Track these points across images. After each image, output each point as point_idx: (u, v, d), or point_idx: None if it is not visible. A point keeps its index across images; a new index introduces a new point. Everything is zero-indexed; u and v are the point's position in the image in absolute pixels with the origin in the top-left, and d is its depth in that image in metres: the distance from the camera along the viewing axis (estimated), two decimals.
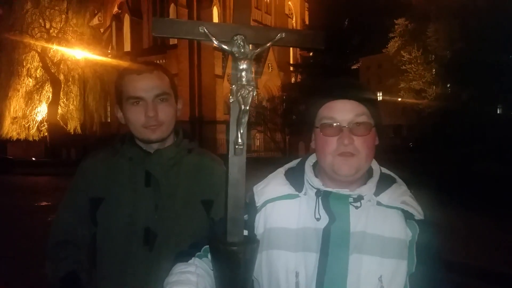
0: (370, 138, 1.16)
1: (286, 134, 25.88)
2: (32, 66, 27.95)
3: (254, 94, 1.00)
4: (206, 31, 0.99)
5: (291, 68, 34.24)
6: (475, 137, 19.50)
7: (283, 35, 1.00)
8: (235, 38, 0.98)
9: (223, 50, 1.00)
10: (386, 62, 44.62)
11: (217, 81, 35.48)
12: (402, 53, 29.19)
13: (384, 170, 1.28)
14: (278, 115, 25.73)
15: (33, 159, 26.55)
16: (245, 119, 1.00)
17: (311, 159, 1.31)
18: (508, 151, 16.51)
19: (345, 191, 1.16)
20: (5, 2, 25.53)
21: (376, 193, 1.19)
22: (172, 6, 35.56)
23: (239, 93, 0.99)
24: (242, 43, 0.97)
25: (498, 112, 27.84)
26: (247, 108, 0.99)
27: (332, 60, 23.47)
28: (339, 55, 23.76)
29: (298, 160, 1.35)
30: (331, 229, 1.15)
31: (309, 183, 1.23)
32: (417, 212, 1.17)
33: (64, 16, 28.00)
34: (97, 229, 1.49)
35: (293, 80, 34.47)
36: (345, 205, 1.16)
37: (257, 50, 1.00)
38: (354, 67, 26.65)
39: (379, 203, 1.18)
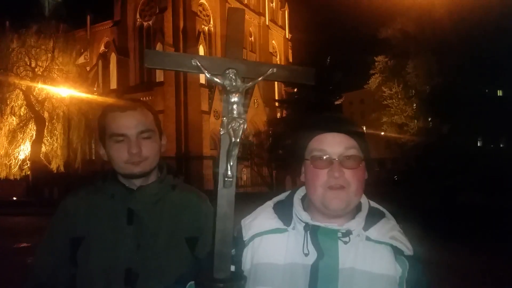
0: (359, 171, 1.16)
1: (272, 168, 25.89)
2: (16, 104, 27.70)
3: (245, 127, 1.02)
4: (199, 64, 1.01)
5: (277, 104, 34.77)
6: (457, 170, 19.80)
7: (274, 70, 1.04)
8: (227, 71, 1.00)
9: (215, 83, 1.02)
10: (368, 97, 45.74)
11: (203, 117, 35.65)
12: (383, 89, 29.94)
13: (373, 204, 1.28)
14: (265, 149, 25.85)
15: (14, 198, 25.80)
16: (235, 152, 1.01)
17: (300, 192, 1.30)
18: (490, 183, 16.80)
19: (333, 226, 1.15)
20: None
21: (365, 228, 1.18)
22: (158, 44, 36.14)
23: (229, 126, 1.00)
24: (234, 77, 1.00)
25: (479, 144, 28.45)
26: (238, 140, 1.01)
27: (316, 95, 23.96)
28: (322, 91, 24.30)
29: (287, 193, 1.34)
30: (319, 265, 1.13)
31: (298, 217, 1.22)
32: (406, 247, 1.16)
33: (50, 54, 28.08)
34: (77, 270, 1.44)
35: (278, 115, 34.92)
36: (334, 240, 1.15)
37: (248, 84, 1.03)
38: (337, 102, 27.23)
39: (368, 238, 1.17)
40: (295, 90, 27.29)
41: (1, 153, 27.57)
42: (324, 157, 1.15)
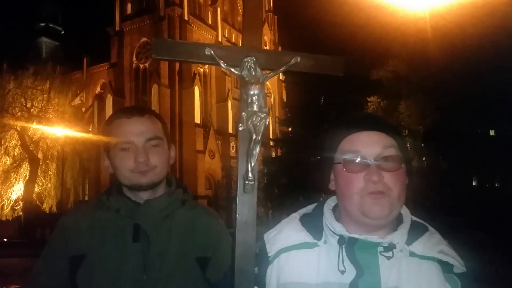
0: (401, 174, 1.02)
1: (268, 208, 25.53)
2: (10, 144, 27.56)
3: (267, 122, 0.91)
4: (213, 54, 0.92)
5: (271, 143, 34.85)
6: (455, 208, 19.65)
7: (298, 59, 0.94)
8: (245, 60, 0.90)
9: (233, 73, 0.92)
10: None
11: (198, 156, 35.56)
12: None
13: (414, 217, 1.13)
14: (260, 189, 25.59)
15: (5, 240, 25.09)
16: (256, 151, 0.89)
17: (330, 202, 1.16)
18: (488, 221, 16.64)
19: (374, 238, 1.00)
20: None
21: (408, 242, 1.02)
22: (154, 86, 36.66)
23: (250, 121, 0.89)
24: (253, 66, 0.90)
25: (474, 184, 28.46)
26: (259, 138, 0.89)
27: (311, 135, 24.08)
28: (317, 130, 24.46)
29: (314, 205, 1.19)
30: (358, 284, 0.98)
31: (330, 229, 1.07)
32: (458, 263, 1.00)
33: (46, 95, 28.34)
34: None
35: (273, 154, 34.92)
36: (374, 256, 1.00)
37: (269, 74, 0.93)
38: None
39: (412, 254, 1.01)
40: (290, 129, 27.47)
41: None
42: (359, 159, 1.01)
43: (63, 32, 59.96)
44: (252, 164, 0.88)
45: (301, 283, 1.03)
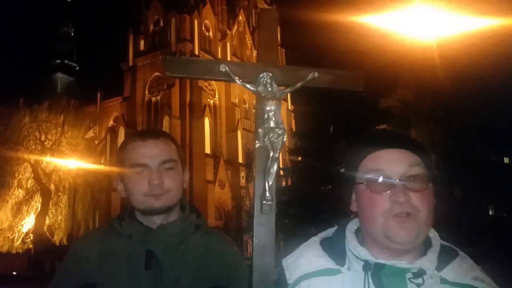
0: (428, 194, 0.96)
1: (280, 239, 25.07)
2: (23, 177, 27.79)
3: (285, 139, 0.88)
4: (228, 70, 0.90)
5: (282, 173, 34.62)
6: (473, 238, 19.08)
7: (316, 74, 0.92)
8: (261, 75, 0.89)
9: (248, 90, 0.90)
10: None
11: (208, 187, 35.45)
12: None
13: (442, 241, 1.05)
14: None
15: (14, 273, 24.90)
16: (274, 169, 0.86)
17: (352, 225, 1.09)
18: (505, 252, 16.10)
19: (403, 264, 0.93)
20: (4, 116, 26.36)
21: (438, 268, 0.95)
22: (166, 118, 37.14)
23: (266, 137, 0.87)
24: (269, 81, 0.89)
25: (490, 213, 27.75)
26: (277, 155, 0.86)
27: (321, 164, 23.89)
28: (327, 159, 24.28)
29: (334, 228, 1.12)
30: None
31: (354, 254, 1.00)
32: None
33: (60, 129, 28.77)
34: None
35: (283, 183, 34.66)
36: (403, 283, 0.92)
37: (286, 90, 0.91)
38: (342, 170, 27.04)
39: (443, 280, 0.94)
40: (299, 158, 27.35)
41: (5, 226, 27.11)
42: (383, 179, 0.95)
43: (78, 68, 61.80)
44: (270, 183, 0.85)
45: None
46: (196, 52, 39.43)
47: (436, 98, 23.85)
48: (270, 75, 0.90)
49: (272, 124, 0.89)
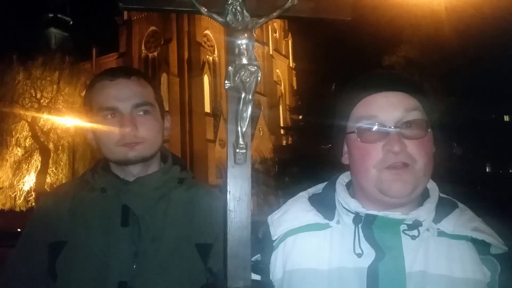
0: (427, 141, 0.86)
1: (279, 196, 25.50)
2: (21, 135, 27.82)
3: (259, 78, 0.74)
4: None
5: (282, 131, 34.66)
6: (470, 195, 19.35)
7: (295, 1, 0.76)
8: (230, 2, 0.73)
9: (216, 21, 0.75)
10: None
11: (208, 146, 35.61)
12: None
13: (441, 193, 0.96)
14: (271, 177, 25.52)
15: (18, 230, 25.53)
16: (247, 113, 0.72)
17: (344, 178, 1.00)
18: (504, 207, 16.34)
19: (396, 215, 0.83)
20: None
21: (436, 220, 0.86)
22: (164, 75, 36.61)
23: (237, 76, 0.72)
24: (240, 9, 0.73)
25: (487, 170, 28.01)
26: (250, 96, 0.72)
27: (322, 122, 23.84)
28: (329, 118, 24.20)
29: (323, 184, 1.02)
30: (378, 269, 0.82)
31: (344, 207, 0.91)
32: (497, 241, 0.83)
33: (55, 86, 28.45)
34: (57, 284, 1.11)
35: (284, 142, 34.81)
36: (396, 235, 0.84)
37: (260, 21, 0.76)
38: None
39: (441, 233, 0.86)
40: (300, 117, 27.26)
41: (6, 185, 27.50)
42: (376, 127, 0.84)
43: (71, 22, 60.12)
44: (244, 129, 0.72)
45: (311, 270, 0.88)
46: None
47: (440, 54, 23.35)
48: (240, 1, 0.75)
49: (244, 60, 0.74)
